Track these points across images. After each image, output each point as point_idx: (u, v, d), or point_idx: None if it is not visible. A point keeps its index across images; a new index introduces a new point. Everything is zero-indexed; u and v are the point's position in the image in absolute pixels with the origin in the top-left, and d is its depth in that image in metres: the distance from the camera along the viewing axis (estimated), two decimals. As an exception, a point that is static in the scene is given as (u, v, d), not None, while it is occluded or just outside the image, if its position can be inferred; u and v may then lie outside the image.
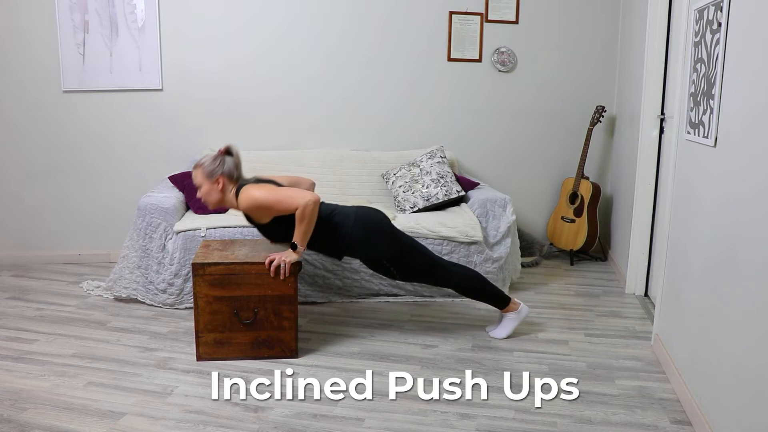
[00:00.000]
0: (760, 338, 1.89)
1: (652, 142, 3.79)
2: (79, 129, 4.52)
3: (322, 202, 3.09)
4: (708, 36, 2.50)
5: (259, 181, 3.05)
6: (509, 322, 3.28)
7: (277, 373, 2.86)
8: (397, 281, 3.76)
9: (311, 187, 3.27)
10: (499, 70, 4.71)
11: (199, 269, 2.92)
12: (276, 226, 3.00)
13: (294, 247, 2.94)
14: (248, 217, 3.05)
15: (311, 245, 3.07)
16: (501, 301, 3.25)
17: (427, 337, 3.31)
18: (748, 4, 2.11)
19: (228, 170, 3.01)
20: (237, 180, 3.04)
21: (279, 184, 3.07)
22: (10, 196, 4.53)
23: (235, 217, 3.78)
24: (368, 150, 4.63)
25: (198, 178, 3.02)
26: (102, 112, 4.51)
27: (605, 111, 4.61)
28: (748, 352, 1.98)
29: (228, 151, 3.06)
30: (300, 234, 2.92)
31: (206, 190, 3.01)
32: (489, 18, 4.62)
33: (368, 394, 2.68)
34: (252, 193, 2.92)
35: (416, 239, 3.37)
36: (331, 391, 2.70)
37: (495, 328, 3.33)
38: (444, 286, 3.21)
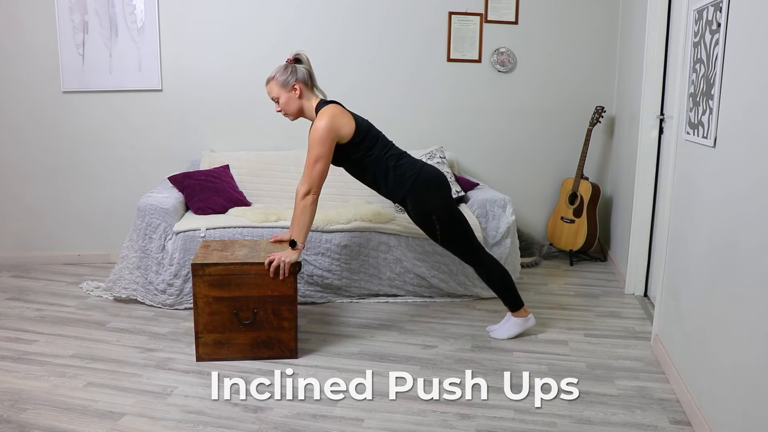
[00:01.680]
0: (759, 339, 1.89)
1: (651, 143, 3.79)
2: (79, 129, 4.52)
3: (394, 145, 3.14)
4: (707, 36, 2.51)
5: (355, 116, 3.05)
6: (514, 326, 3.28)
7: (277, 373, 2.86)
8: (398, 281, 3.76)
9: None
10: (499, 71, 4.72)
11: (198, 270, 2.92)
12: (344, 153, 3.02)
13: (293, 245, 2.94)
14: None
15: (374, 185, 3.12)
16: (515, 304, 3.25)
17: (427, 337, 3.31)
18: (748, 5, 2.11)
19: (302, 76, 3.01)
20: (313, 87, 3.05)
21: (361, 125, 3.03)
22: (9, 197, 4.53)
23: (234, 218, 3.79)
24: (368, 150, 4.62)
25: (274, 90, 3.01)
26: (102, 112, 4.51)
27: (605, 111, 4.61)
28: (747, 352, 1.98)
29: (297, 59, 3.06)
30: (297, 229, 2.93)
31: (285, 101, 3.01)
32: (488, 18, 4.63)
33: (368, 395, 2.68)
34: (318, 126, 2.90)
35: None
36: (331, 392, 2.70)
37: (497, 328, 3.32)
38: (474, 266, 3.21)
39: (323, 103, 3.03)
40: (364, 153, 3.03)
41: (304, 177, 2.94)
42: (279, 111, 3.07)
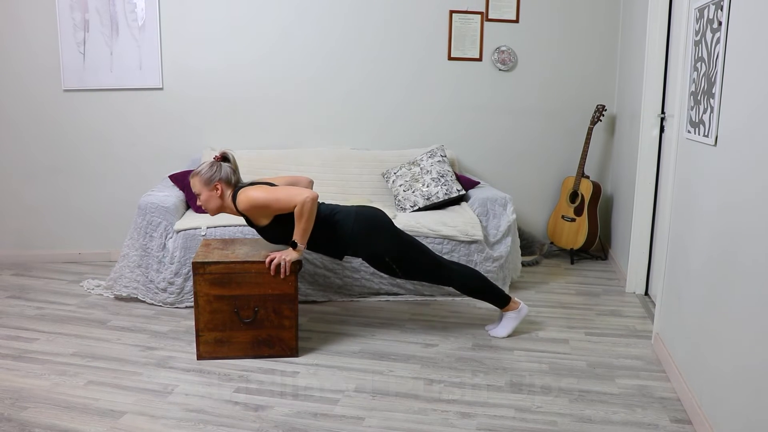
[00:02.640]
0: (760, 337, 1.89)
1: (652, 141, 3.79)
2: (80, 128, 4.52)
3: (322, 203, 3.10)
4: (708, 35, 2.50)
5: (254, 183, 3.05)
6: (509, 322, 3.28)
7: (278, 372, 2.87)
8: (399, 280, 3.77)
9: (309, 185, 3.26)
10: (500, 69, 4.71)
11: (199, 268, 2.92)
12: (276, 228, 3.00)
13: (294, 246, 2.94)
14: (248, 220, 3.05)
15: (312, 246, 3.08)
16: (501, 301, 3.25)
17: (428, 336, 3.32)
18: (749, 4, 2.10)
19: (225, 176, 3.01)
20: (235, 185, 3.04)
21: (273, 185, 3.07)
22: (10, 195, 4.54)
23: (235, 217, 3.78)
24: (369, 149, 4.63)
25: (196, 186, 3.01)
26: (102, 111, 4.52)
27: (605, 110, 4.61)
28: (748, 350, 1.98)
29: (224, 158, 3.06)
30: (300, 232, 2.92)
31: (205, 198, 3.01)
32: (489, 17, 4.62)
33: (368, 393, 2.69)
34: (250, 194, 2.92)
35: (417, 238, 3.38)
36: (332, 390, 2.70)
37: (495, 327, 3.33)
38: (446, 285, 3.21)
39: (238, 189, 3.00)
40: (288, 226, 2.97)
41: (291, 203, 2.89)
42: (199, 205, 3.05)
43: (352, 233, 3.05)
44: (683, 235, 2.79)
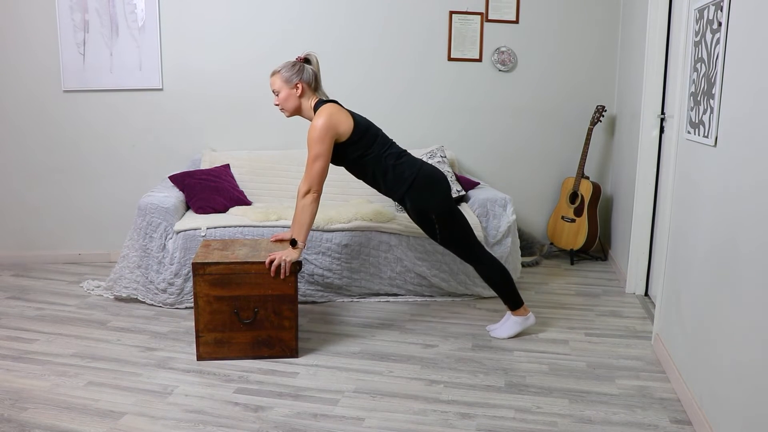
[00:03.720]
0: (760, 338, 1.89)
1: (652, 142, 3.79)
2: (80, 129, 4.52)
3: (394, 144, 3.14)
4: (708, 35, 2.50)
5: (353, 115, 3.05)
6: (514, 325, 3.28)
7: (278, 372, 2.87)
8: (398, 281, 3.76)
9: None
10: (500, 70, 4.72)
11: (199, 269, 2.92)
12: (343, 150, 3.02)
13: (294, 244, 2.94)
14: None
15: (373, 183, 3.12)
16: (515, 302, 3.25)
17: (428, 336, 3.31)
18: (748, 4, 2.11)
19: (307, 77, 3.02)
20: (315, 90, 3.05)
21: (359, 124, 3.03)
22: (10, 196, 4.54)
23: (235, 217, 3.79)
24: (368, 149, 4.62)
25: (276, 83, 3.02)
26: (102, 111, 4.52)
27: (605, 110, 4.61)
28: (748, 351, 1.98)
29: (307, 60, 3.06)
30: (299, 228, 2.93)
31: (284, 96, 3.01)
32: (489, 17, 4.63)
33: (368, 394, 2.69)
34: (317, 124, 2.91)
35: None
36: (331, 391, 2.71)
37: (497, 327, 3.32)
38: (473, 264, 3.21)
39: (321, 102, 3.03)
40: (363, 152, 3.03)
41: (306, 177, 2.94)
42: (277, 105, 3.07)
43: (413, 179, 3.06)
44: (683, 235, 2.79)
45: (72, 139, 4.52)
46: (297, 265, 2.97)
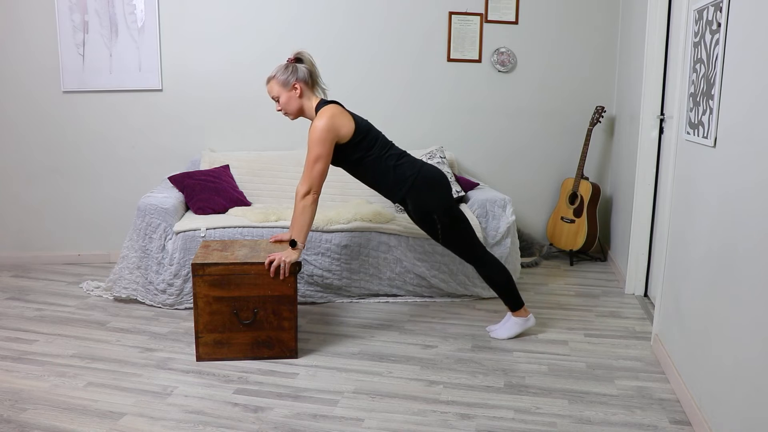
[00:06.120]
0: (759, 339, 1.89)
1: (651, 143, 3.79)
2: (79, 129, 4.52)
3: (394, 145, 3.13)
4: (707, 36, 2.51)
5: (355, 116, 3.04)
6: (514, 326, 3.28)
7: (277, 373, 2.87)
8: (398, 281, 3.76)
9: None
10: (499, 71, 4.72)
11: (198, 269, 2.92)
12: (343, 152, 3.02)
13: (293, 245, 2.94)
14: None
15: (374, 185, 3.12)
16: (515, 303, 3.25)
17: (427, 337, 3.32)
18: (748, 5, 2.11)
19: (303, 76, 3.01)
20: (313, 86, 3.05)
21: (360, 126, 3.03)
22: (9, 197, 4.54)
23: (234, 218, 3.79)
24: (368, 150, 4.62)
25: (274, 90, 3.02)
26: (102, 112, 4.52)
27: (605, 111, 4.62)
28: (747, 351, 1.98)
29: (298, 59, 3.06)
30: (298, 229, 2.93)
31: (285, 100, 3.01)
32: (489, 18, 4.63)
33: (368, 395, 2.69)
34: (318, 126, 2.90)
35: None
36: (331, 391, 2.71)
37: (497, 328, 3.33)
38: (474, 265, 3.21)
39: (323, 103, 3.03)
40: (364, 153, 3.03)
41: (304, 177, 2.94)
42: (279, 110, 3.07)
43: (414, 181, 3.05)
44: (682, 236, 2.79)
45: (71, 139, 4.52)
46: (296, 266, 2.97)
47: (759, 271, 1.92)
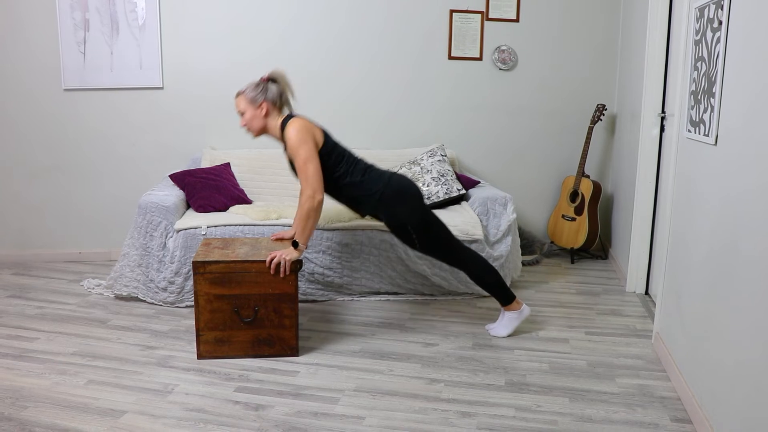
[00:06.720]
0: (760, 336, 1.89)
1: (652, 141, 3.79)
2: (80, 127, 4.52)
3: (361, 159, 3.12)
4: (709, 34, 2.50)
5: (320, 129, 3.04)
6: (510, 321, 3.28)
7: (278, 371, 2.87)
8: (399, 280, 3.76)
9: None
10: (500, 69, 4.71)
11: (199, 267, 2.92)
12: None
13: (295, 245, 2.94)
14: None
15: (337, 197, 3.11)
16: (506, 298, 3.24)
17: (428, 335, 3.32)
18: (749, 3, 2.10)
19: (272, 97, 3.01)
20: (281, 108, 3.04)
21: (329, 138, 3.04)
22: (10, 194, 4.54)
23: (236, 216, 3.79)
24: (369, 148, 4.62)
25: (241, 104, 3.02)
26: (103, 110, 4.52)
27: (606, 109, 4.61)
28: (748, 350, 1.98)
29: (272, 78, 3.05)
30: (301, 231, 2.93)
31: (249, 117, 3.02)
32: (490, 16, 4.62)
33: (369, 393, 2.69)
34: (292, 131, 2.91)
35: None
36: (332, 389, 2.71)
37: (495, 326, 3.33)
38: (458, 267, 3.20)
39: (288, 117, 3.03)
40: (333, 168, 3.02)
41: (302, 183, 2.92)
42: (243, 126, 3.06)
43: (381, 195, 3.05)
44: (683, 234, 2.79)
45: (72, 137, 4.52)
46: (297, 264, 2.97)
47: (761, 270, 1.92)
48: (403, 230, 3.12)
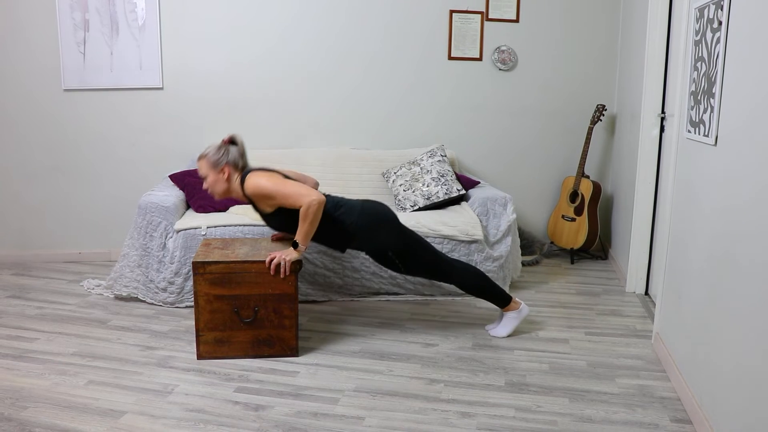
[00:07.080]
0: (760, 336, 1.89)
1: (652, 141, 3.79)
2: (80, 128, 4.52)
3: (328, 195, 3.10)
4: (708, 35, 2.50)
5: (266, 170, 3.05)
6: (510, 321, 3.28)
7: (278, 371, 2.87)
8: (399, 279, 3.76)
9: (315, 186, 3.27)
10: (500, 69, 4.71)
11: (199, 268, 2.92)
12: (279, 216, 3.01)
13: (295, 246, 2.94)
14: (253, 205, 3.05)
15: (315, 237, 3.07)
16: (502, 300, 3.25)
17: (428, 335, 3.32)
18: (749, 3, 2.10)
19: (233, 159, 3.03)
20: (242, 169, 3.06)
21: (286, 176, 3.07)
22: (10, 195, 4.54)
23: (235, 216, 3.79)
24: (369, 149, 4.63)
25: (203, 168, 3.03)
26: (102, 110, 4.52)
27: (606, 109, 4.61)
28: (748, 350, 1.98)
29: (232, 141, 3.08)
30: (302, 233, 2.92)
31: (212, 181, 3.03)
32: (489, 16, 4.62)
33: (368, 393, 2.69)
34: (258, 180, 2.93)
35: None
36: (332, 390, 2.71)
37: (495, 327, 3.33)
38: (447, 282, 3.21)
39: (247, 171, 3.03)
40: (292, 216, 2.96)
41: (297, 202, 2.87)
42: (206, 188, 3.07)
43: (356, 227, 3.05)
44: (683, 234, 2.79)
45: (72, 138, 4.52)
46: (297, 264, 2.97)
47: (760, 271, 1.92)
48: (383, 256, 3.14)
